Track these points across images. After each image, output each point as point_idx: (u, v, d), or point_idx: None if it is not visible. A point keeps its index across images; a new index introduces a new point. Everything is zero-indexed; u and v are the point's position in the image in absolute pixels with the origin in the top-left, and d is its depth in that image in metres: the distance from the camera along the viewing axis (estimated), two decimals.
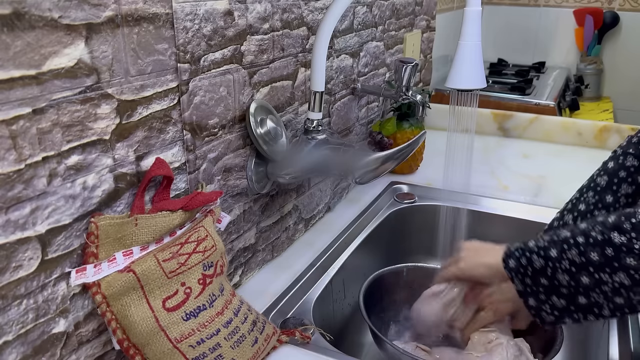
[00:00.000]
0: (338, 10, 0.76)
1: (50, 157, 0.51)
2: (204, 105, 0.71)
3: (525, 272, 0.68)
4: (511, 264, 0.69)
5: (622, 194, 0.78)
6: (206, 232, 0.64)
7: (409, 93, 1.13)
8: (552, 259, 0.65)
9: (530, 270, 0.67)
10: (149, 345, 0.58)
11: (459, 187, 1.14)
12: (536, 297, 0.67)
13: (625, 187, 0.78)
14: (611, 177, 0.80)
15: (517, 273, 0.68)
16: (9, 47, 0.46)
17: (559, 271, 0.64)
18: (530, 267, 0.67)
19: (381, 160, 0.78)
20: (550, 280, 0.65)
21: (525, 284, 0.68)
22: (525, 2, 2.52)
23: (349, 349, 0.98)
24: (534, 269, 0.67)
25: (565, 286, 0.64)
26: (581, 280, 0.63)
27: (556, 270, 0.64)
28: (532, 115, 1.62)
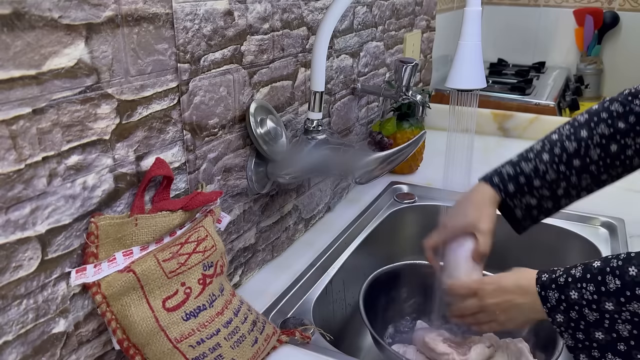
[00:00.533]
0: (338, 10, 0.76)
1: (50, 157, 0.51)
2: (204, 105, 0.71)
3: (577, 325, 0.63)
4: (559, 318, 0.64)
5: (599, 132, 0.78)
6: (206, 232, 0.64)
7: (409, 93, 1.13)
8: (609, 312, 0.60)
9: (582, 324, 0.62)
10: (149, 345, 0.58)
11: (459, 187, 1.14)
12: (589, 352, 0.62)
13: (603, 127, 0.78)
14: (591, 116, 0.80)
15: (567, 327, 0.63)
16: (9, 47, 0.46)
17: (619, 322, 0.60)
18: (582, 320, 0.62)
19: (381, 160, 0.78)
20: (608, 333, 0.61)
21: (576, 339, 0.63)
22: (525, 2, 2.52)
23: (349, 349, 0.98)
24: (587, 322, 0.62)
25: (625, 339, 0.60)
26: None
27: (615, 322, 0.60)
28: (532, 115, 1.62)
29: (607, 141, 0.77)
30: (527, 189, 0.80)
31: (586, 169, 0.78)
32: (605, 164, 0.77)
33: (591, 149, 0.78)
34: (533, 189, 0.80)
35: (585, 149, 0.78)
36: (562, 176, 0.79)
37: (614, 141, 0.77)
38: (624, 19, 2.38)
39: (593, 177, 0.79)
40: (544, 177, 0.79)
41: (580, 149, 0.78)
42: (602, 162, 0.77)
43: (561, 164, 0.79)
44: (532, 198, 0.81)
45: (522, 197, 0.81)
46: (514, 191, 0.81)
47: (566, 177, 0.79)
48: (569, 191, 0.80)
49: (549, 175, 0.79)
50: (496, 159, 1.42)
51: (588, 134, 0.78)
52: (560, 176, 0.79)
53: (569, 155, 0.79)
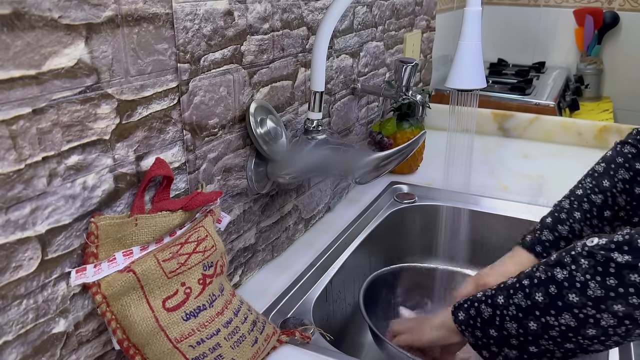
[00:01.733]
0: (338, 10, 0.76)
1: (50, 157, 0.51)
2: (204, 105, 0.71)
3: (475, 323, 0.66)
4: (460, 316, 0.67)
5: (619, 178, 0.78)
6: (206, 232, 0.64)
7: (409, 93, 1.13)
8: (500, 306, 0.63)
9: (479, 321, 0.65)
10: (149, 345, 0.58)
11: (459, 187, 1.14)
12: (488, 349, 0.65)
13: (622, 172, 0.78)
14: (608, 164, 0.81)
15: (467, 326, 0.67)
16: (9, 47, 0.46)
17: (507, 319, 0.63)
18: (479, 317, 0.65)
19: (381, 160, 0.78)
20: (499, 330, 0.63)
21: (475, 337, 0.66)
22: (525, 2, 2.52)
23: (349, 349, 0.98)
24: (483, 320, 0.65)
25: (515, 335, 0.62)
26: (529, 327, 0.61)
27: (504, 319, 0.63)
28: (532, 115, 1.62)
29: (630, 185, 0.78)
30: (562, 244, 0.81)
31: (617, 217, 0.79)
32: (632, 207, 0.78)
33: (617, 197, 0.78)
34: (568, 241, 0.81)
35: (612, 198, 0.79)
36: (597, 230, 0.80)
37: (636, 183, 0.78)
38: (624, 19, 2.38)
39: (624, 222, 0.79)
40: (580, 236, 0.80)
41: (607, 199, 0.79)
42: (629, 206, 0.78)
43: (594, 219, 0.79)
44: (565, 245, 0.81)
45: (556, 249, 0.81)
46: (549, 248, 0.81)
47: (600, 229, 0.80)
48: None
49: (584, 233, 0.80)
50: (496, 159, 1.43)
51: (610, 183, 0.79)
52: (595, 230, 0.80)
53: (598, 209, 0.79)
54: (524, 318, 0.61)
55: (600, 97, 2.45)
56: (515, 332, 0.62)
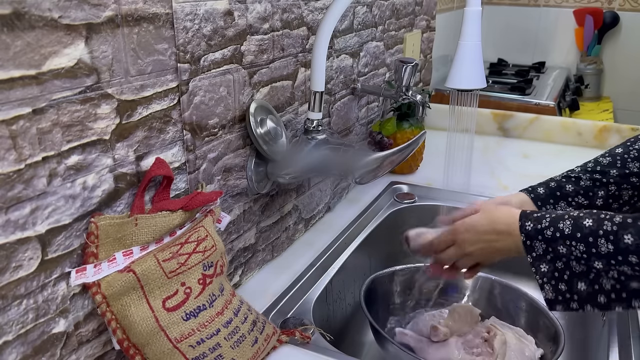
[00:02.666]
0: (338, 10, 0.76)
1: (50, 157, 0.51)
2: (204, 105, 0.71)
3: (561, 276, 0.63)
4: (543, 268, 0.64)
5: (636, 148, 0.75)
6: (206, 232, 0.64)
7: (409, 93, 1.13)
8: (597, 268, 0.61)
9: (567, 274, 0.63)
10: (149, 345, 0.58)
11: (459, 187, 1.14)
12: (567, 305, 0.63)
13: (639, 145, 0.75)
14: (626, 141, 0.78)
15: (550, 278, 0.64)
16: (9, 47, 0.46)
17: (603, 276, 0.61)
18: (568, 271, 0.63)
19: (381, 160, 0.78)
20: (591, 284, 0.61)
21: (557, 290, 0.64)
22: (525, 2, 2.52)
23: (349, 349, 0.98)
24: (572, 273, 0.62)
25: (607, 291, 0.61)
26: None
27: (599, 276, 0.61)
28: (532, 115, 1.62)
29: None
30: (559, 193, 0.75)
31: (626, 179, 0.73)
32: None
33: (629, 162, 0.73)
34: (567, 196, 0.75)
35: (622, 161, 0.74)
36: (598, 183, 0.74)
37: None
38: (624, 19, 2.38)
39: (636, 188, 0.73)
40: (577, 183, 0.75)
41: (616, 161, 0.74)
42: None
43: (595, 173, 0.74)
44: (567, 206, 0.76)
45: (555, 204, 0.76)
46: (543, 194, 0.76)
47: (603, 184, 0.74)
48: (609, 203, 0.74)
49: (582, 182, 0.75)
50: (496, 159, 1.43)
51: (624, 149, 0.75)
52: (597, 183, 0.74)
53: (603, 166, 0.75)
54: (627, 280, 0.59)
55: (600, 97, 2.45)
56: (610, 287, 0.60)
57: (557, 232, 0.62)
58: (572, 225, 0.62)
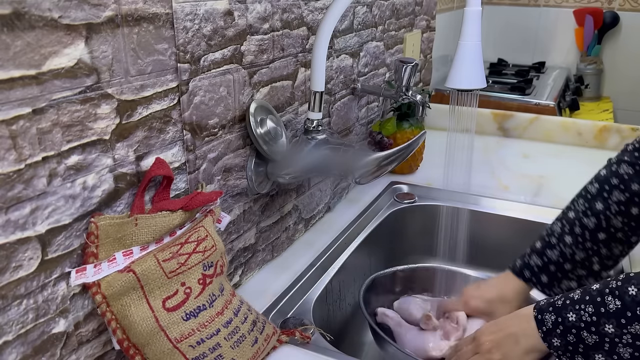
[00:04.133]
0: (338, 10, 0.76)
1: (50, 157, 0.51)
2: (204, 105, 0.71)
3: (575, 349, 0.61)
4: (555, 342, 0.62)
5: (614, 201, 0.76)
6: (206, 232, 0.64)
7: (409, 93, 1.13)
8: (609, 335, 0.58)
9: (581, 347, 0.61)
10: (149, 345, 0.58)
11: (459, 187, 1.14)
12: None
13: (617, 194, 0.76)
14: (602, 185, 0.78)
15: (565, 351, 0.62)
16: (9, 47, 0.46)
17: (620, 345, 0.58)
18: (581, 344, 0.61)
19: (381, 160, 0.78)
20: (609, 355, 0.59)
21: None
22: (525, 2, 2.52)
23: (349, 349, 0.98)
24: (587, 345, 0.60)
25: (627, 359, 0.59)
26: None
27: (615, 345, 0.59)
28: (532, 115, 1.62)
29: (626, 207, 0.75)
30: (560, 275, 0.79)
31: (614, 238, 0.77)
32: (631, 227, 0.76)
33: (611, 219, 0.76)
34: (567, 273, 0.79)
35: (606, 220, 0.76)
36: (591, 252, 0.77)
37: (633, 204, 0.75)
38: (624, 19, 2.38)
39: (623, 243, 0.77)
40: (572, 260, 0.78)
41: (601, 222, 0.77)
42: (627, 227, 0.76)
43: (586, 242, 0.77)
44: (570, 281, 0.79)
45: (559, 284, 0.79)
46: (548, 282, 0.80)
47: (595, 252, 0.77)
48: (604, 264, 0.78)
49: (577, 256, 0.78)
50: (496, 159, 1.43)
51: (604, 205, 0.77)
52: (590, 252, 0.77)
53: (591, 232, 0.77)
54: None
55: (600, 97, 2.45)
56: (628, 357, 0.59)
57: (567, 300, 0.63)
58: (581, 292, 0.63)
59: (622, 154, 0.79)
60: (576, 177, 0.86)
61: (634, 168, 0.75)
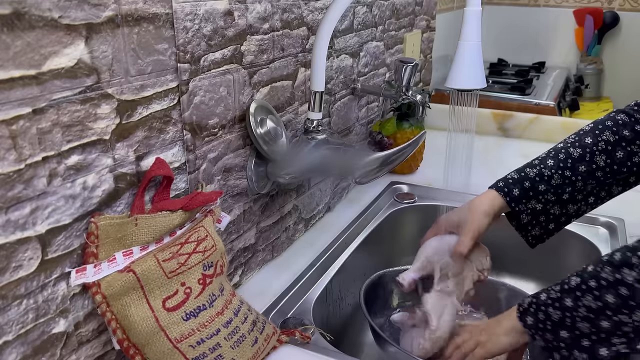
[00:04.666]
0: (338, 11, 0.76)
1: (50, 157, 0.51)
2: (204, 105, 0.71)
3: (545, 326, 0.65)
4: (529, 320, 0.67)
5: (603, 139, 0.78)
6: (206, 232, 0.64)
7: (409, 93, 1.13)
8: (569, 309, 0.63)
9: (549, 323, 0.65)
10: (149, 345, 0.58)
11: (459, 187, 1.14)
12: (558, 351, 0.65)
13: (607, 134, 0.79)
14: (596, 124, 0.81)
15: (536, 329, 0.66)
16: (9, 47, 0.46)
17: (578, 320, 0.62)
18: (548, 320, 0.65)
19: (381, 160, 0.78)
20: (571, 331, 0.63)
21: (546, 339, 0.66)
22: (525, 2, 2.52)
23: (349, 349, 0.98)
24: (553, 322, 0.65)
25: (587, 334, 0.62)
26: (601, 326, 0.61)
27: (575, 320, 0.63)
28: (532, 115, 1.62)
29: (613, 147, 0.78)
30: (532, 193, 0.80)
31: (592, 174, 0.78)
32: (612, 170, 0.78)
33: (596, 155, 0.78)
34: (538, 194, 0.80)
35: (590, 154, 0.78)
36: (567, 181, 0.79)
37: (620, 147, 0.78)
38: (624, 19, 2.37)
39: (599, 182, 0.79)
40: (548, 182, 0.80)
41: (585, 154, 0.79)
42: (609, 168, 0.78)
43: (566, 170, 0.79)
44: (537, 203, 0.81)
45: (527, 202, 0.81)
46: (518, 195, 0.81)
47: (572, 182, 0.79)
48: (574, 196, 0.80)
49: (554, 180, 0.79)
50: (496, 159, 1.43)
51: (593, 140, 0.79)
52: (566, 181, 0.79)
53: (573, 160, 0.79)
54: (596, 318, 0.61)
55: (600, 97, 2.45)
56: (587, 331, 0.62)
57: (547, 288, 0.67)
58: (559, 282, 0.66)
59: (624, 107, 0.82)
60: None
61: (630, 117, 0.79)
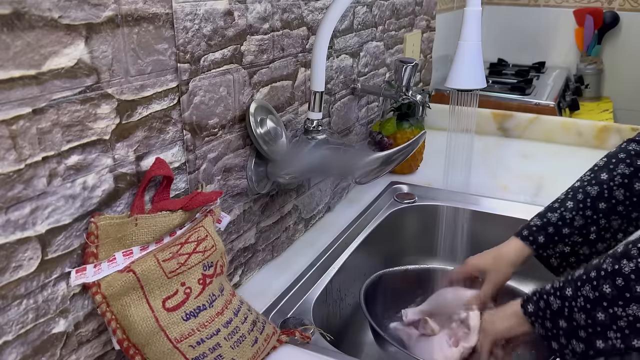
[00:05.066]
0: (338, 11, 0.76)
1: (50, 157, 0.51)
2: (204, 105, 0.71)
3: (544, 315, 0.66)
4: (530, 308, 0.68)
5: (619, 173, 0.78)
6: (206, 232, 0.64)
7: (409, 93, 1.13)
8: (568, 298, 0.64)
9: (548, 312, 0.66)
10: (149, 345, 0.58)
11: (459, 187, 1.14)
12: (557, 340, 0.65)
13: (622, 167, 0.79)
14: (610, 158, 0.81)
15: (536, 317, 0.67)
16: (9, 47, 0.46)
17: (575, 310, 0.63)
18: (548, 309, 0.66)
19: (381, 160, 0.78)
20: (568, 321, 0.64)
21: (545, 328, 0.66)
22: (525, 2, 2.52)
23: (349, 349, 0.98)
24: (552, 311, 0.65)
25: (583, 326, 0.63)
26: (597, 318, 0.61)
27: (572, 310, 0.63)
28: (532, 115, 1.62)
29: (629, 180, 0.78)
30: (557, 238, 0.81)
31: (613, 210, 0.78)
32: (632, 202, 0.78)
33: (614, 190, 0.78)
34: (564, 238, 0.81)
35: (608, 190, 0.78)
36: (590, 221, 0.79)
37: (636, 178, 0.77)
38: (624, 19, 2.37)
39: (622, 217, 0.79)
40: (571, 225, 0.80)
41: (603, 191, 0.79)
42: (629, 201, 0.78)
43: (587, 209, 0.79)
44: (565, 246, 0.81)
45: (554, 247, 0.81)
46: (544, 242, 0.81)
47: (594, 221, 0.79)
48: (602, 235, 0.80)
49: (576, 222, 0.80)
50: (496, 159, 1.43)
51: (608, 175, 0.79)
52: (588, 221, 0.79)
53: (592, 199, 0.79)
54: (592, 309, 0.61)
55: (600, 97, 2.45)
56: (583, 323, 0.63)
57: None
58: None
59: (634, 136, 0.82)
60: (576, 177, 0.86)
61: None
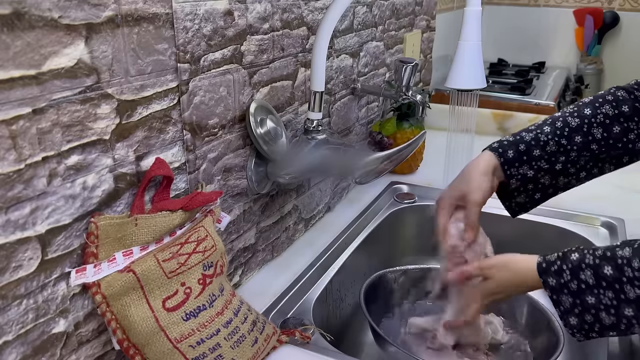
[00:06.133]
0: (338, 11, 0.76)
1: (50, 157, 0.51)
2: (204, 105, 0.71)
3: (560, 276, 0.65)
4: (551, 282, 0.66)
5: (602, 112, 0.79)
6: (206, 232, 0.64)
7: (409, 93, 1.13)
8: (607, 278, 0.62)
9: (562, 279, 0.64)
10: (149, 345, 0.58)
11: None
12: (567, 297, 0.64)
13: (607, 107, 0.79)
14: (597, 97, 0.81)
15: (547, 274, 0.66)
16: (9, 47, 0.46)
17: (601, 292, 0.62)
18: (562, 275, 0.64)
19: (381, 160, 0.78)
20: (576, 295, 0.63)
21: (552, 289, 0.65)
22: (525, 2, 2.52)
23: (349, 349, 0.98)
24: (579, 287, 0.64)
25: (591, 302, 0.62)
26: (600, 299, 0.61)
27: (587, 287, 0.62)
28: (532, 115, 1.62)
29: (611, 121, 0.78)
30: (526, 157, 0.80)
31: (587, 146, 0.79)
32: (607, 144, 0.78)
33: (594, 127, 0.78)
34: (532, 160, 0.80)
35: (588, 126, 0.79)
36: (562, 149, 0.79)
37: (617, 123, 0.78)
38: (624, 19, 2.38)
39: (592, 156, 0.79)
40: (544, 148, 0.79)
41: (583, 125, 0.79)
42: (604, 141, 0.78)
43: (562, 138, 0.79)
44: (529, 169, 0.80)
45: (520, 167, 0.81)
46: (512, 157, 0.80)
47: (566, 151, 0.79)
48: (567, 168, 0.80)
49: (549, 147, 0.79)
50: None
51: (592, 112, 0.79)
52: (561, 149, 0.79)
53: (570, 130, 0.79)
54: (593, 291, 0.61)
55: None
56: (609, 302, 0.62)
57: (581, 284, 0.64)
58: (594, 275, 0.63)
59: (625, 85, 0.82)
60: None
61: (629, 95, 0.80)
